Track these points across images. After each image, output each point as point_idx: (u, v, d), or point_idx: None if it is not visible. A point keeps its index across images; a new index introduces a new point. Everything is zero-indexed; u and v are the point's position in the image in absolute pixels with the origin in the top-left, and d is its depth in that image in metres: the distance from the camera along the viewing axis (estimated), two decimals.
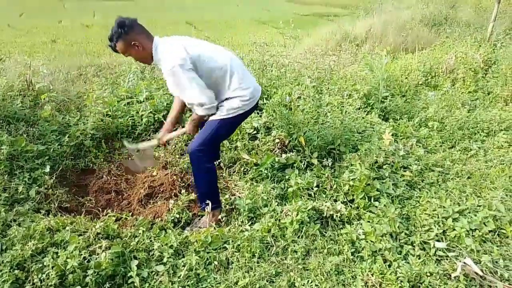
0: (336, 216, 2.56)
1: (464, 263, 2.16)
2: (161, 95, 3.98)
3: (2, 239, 2.01)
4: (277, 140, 3.38)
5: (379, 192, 2.75)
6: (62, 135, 3.26)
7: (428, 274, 2.12)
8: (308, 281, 2.11)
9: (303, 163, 3.13)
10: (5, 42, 12.32)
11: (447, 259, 2.28)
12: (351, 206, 2.70)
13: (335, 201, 2.75)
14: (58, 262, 1.89)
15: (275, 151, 3.30)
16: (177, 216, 2.55)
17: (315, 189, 2.83)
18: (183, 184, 2.98)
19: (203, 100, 2.33)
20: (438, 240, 2.39)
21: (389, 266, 2.20)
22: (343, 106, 3.88)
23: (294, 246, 2.33)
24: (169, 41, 2.36)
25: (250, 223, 2.54)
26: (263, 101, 4.07)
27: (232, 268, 2.18)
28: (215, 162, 2.84)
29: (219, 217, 2.53)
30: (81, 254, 1.97)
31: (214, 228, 2.42)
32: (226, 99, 2.48)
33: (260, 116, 3.83)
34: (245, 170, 3.20)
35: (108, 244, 2.08)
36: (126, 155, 3.29)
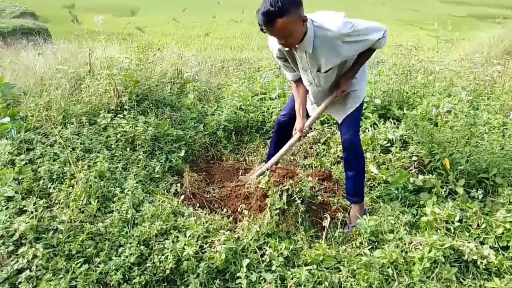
0: (481, 262, 2.09)
1: None
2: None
3: (136, 213, 2.21)
4: (414, 158, 2.97)
5: None
6: (199, 123, 3.49)
7: None
8: None
9: (444, 189, 2.67)
10: (170, 33, 14.19)
11: None
12: (503, 255, 2.17)
13: (482, 243, 2.25)
14: (177, 247, 1.98)
15: (411, 170, 2.91)
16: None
17: (457, 224, 2.37)
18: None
19: (384, 26, 2.16)
20: None
21: None
22: (506, 128, 3.18)
23: (421, 287, 1.98)
24: (317, 13, 2.12)
25: (370, 247, 2.27)
26: (402, 110, 3.65)
27: None
28: None
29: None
30: (197, 244, 2.03)
31: (328, 246, 2.24)
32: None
33: (397, 127, 3.44)
34: (371, 185, 2.90)
35: (224, 238, 2.10)
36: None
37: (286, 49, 2.17)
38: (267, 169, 2.54)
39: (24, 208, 2.05)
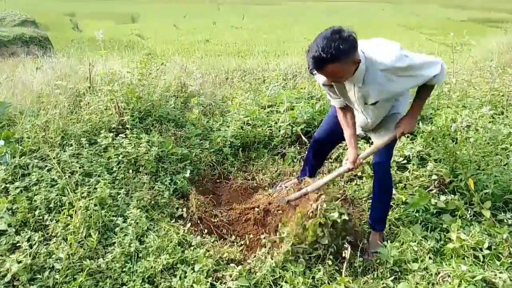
0: None
1: None
2: (301, 107, 3.75)
3: (140, 246, 2.04)
4: (434, 176, 2.80)
5: None
6: (205, 140, 3.32)
7: None
8: None
9: (469, 212, 2.49)
10: (171, 40, 14.10)
11: None
12: None
13: None
14: (185, 284, 1.81)
15: (431, 190, 2.74)
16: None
17: (486, 251, 2.19)
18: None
19: (440, 60, 1.98)
20: None
21: None
22: None
23: None
24: (370, 42, 1.95)
25: (393, 277, 2.09)
26: (418, 124, 3.48)
27: None
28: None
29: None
30: (207, 281, 1.86)
31: (350, 279, 2.06)
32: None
33: (412, 142, 3.27)
34: None
35: (236, 273, 1.93)
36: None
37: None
38: (307, 192, 2.34)
39: (18, 244, 1.88)
